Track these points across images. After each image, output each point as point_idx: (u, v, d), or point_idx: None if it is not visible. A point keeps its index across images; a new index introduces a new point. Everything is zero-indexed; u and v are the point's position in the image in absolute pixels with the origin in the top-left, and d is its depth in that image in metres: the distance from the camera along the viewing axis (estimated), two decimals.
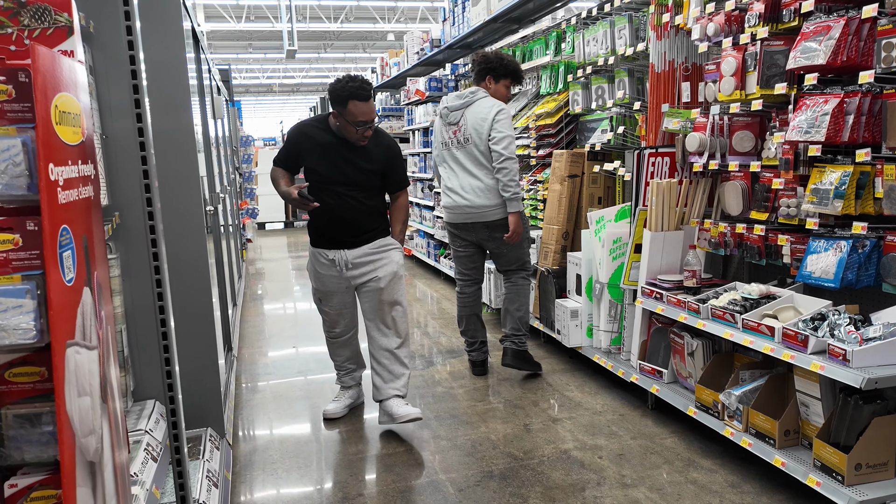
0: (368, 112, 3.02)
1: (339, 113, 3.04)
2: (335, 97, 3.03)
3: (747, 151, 3.01)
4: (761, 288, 2.80)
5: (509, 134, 3.64)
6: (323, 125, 3.20)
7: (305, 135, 3.19)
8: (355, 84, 2.99)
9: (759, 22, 2.77)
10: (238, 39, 24.46)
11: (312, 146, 3.15)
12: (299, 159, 3.22)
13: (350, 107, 3.00)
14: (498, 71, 3.81)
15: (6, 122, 0.93)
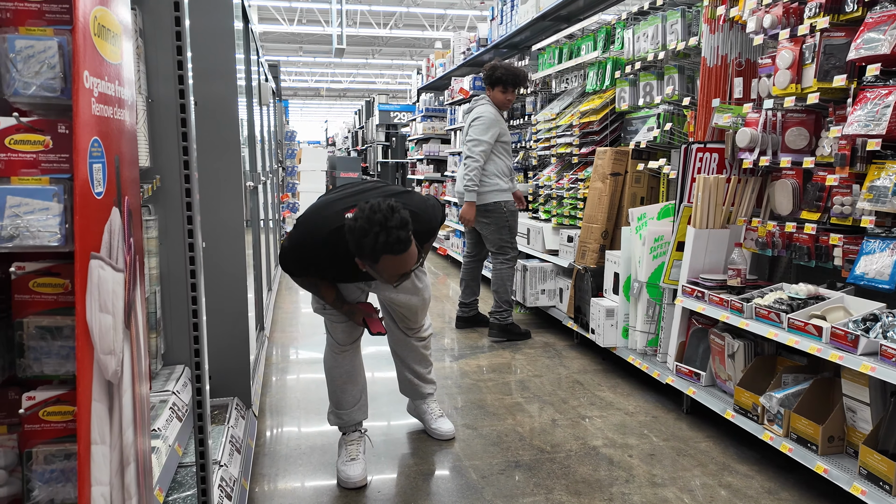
0: (408, 263, 2.23)
1: (370, 267, 2.25)
2: (362, 250, 2.16)
3: (800, 149, 2.89)
4: (809, 288, 2.67)
5: (477, 137, 4.32)
6: (336, 246, 2.33)
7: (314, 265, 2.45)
8: (389, 236, 2.11)
9: (819, 12, 2.67)
10: (289, 42, 24.96)
11: (327, 271, 2.50)
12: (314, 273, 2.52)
13: (383, 262, 2.19)
14: (489, 80, 4.45)
15: (44, 23, 0.93)
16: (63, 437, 1.05)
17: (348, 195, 2.48)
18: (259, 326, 3.88)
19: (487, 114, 4.36)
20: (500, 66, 4.42)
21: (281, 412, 3.29)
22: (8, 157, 0.91)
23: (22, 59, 0.92)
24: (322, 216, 2.40)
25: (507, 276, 4.51)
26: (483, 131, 4.32)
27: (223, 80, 2.58)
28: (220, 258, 2.67)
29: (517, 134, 6.29)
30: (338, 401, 2.75)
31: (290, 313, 5.46)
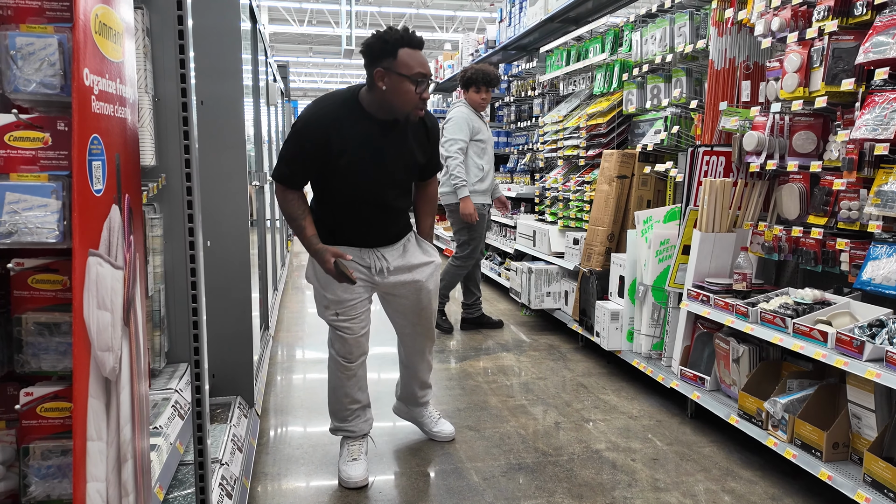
0: (426, 63, 2.25)
1: (388, 69, 2.20)
2: (379, 50, 2.20)
3: (808, 153, 2.87)
4: (815, 293, 2.65)
5: (451, 137, 4.42)
6: (353, 107, 2.33)
7: (334, 127, 2.29)
8: (403, 30, 2.22)
9: (827, 15, 2.65)
10: (299, 43, 25.05)
11: (346, 140, 2.31)
12: (323, 164, 2.32)
13: (403, 56, 2.18)
14: (462, 82, 4.56)
15: (44, 21, 0.93)
16: (60, 433, 1.05)
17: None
18: (264, 326, 3.89)
19: (459, 114, 4.47)
20: (471, 68, 4.54)
21: (284, 411, 3.30)
22: (7, 154, 0.92)
23: (22, 56, 0.92)
24: (309, 106, 2.42)
25: (452, 273, 4.64)
26: (456, 130, 4.41)
27: (229, 79, 2.59)
28: (225, 257, 2.68)
29: (523, 136, 6.29)
30: (343, 418, 2.67)
31: (296, 313, 5.47)
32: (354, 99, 2.35)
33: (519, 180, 6.09)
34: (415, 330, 2.74)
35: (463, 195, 4.39)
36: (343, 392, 2.62)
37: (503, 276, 6.12)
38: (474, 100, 4.50)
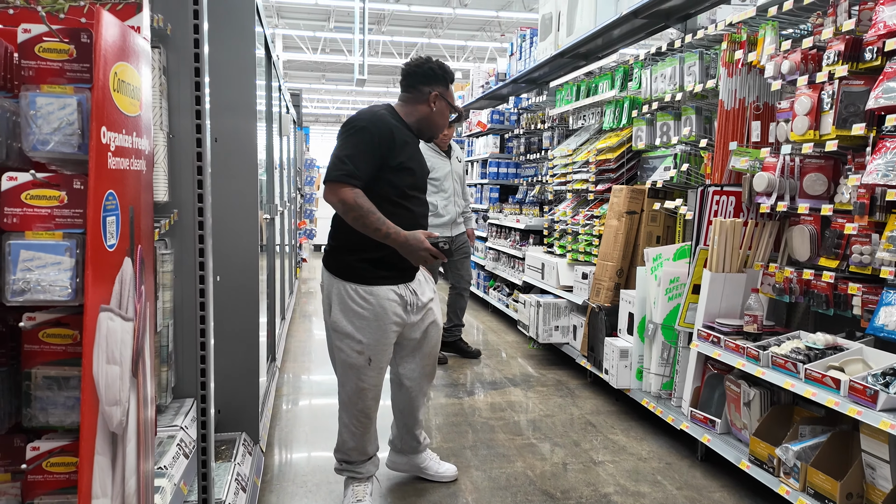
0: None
1: (441, 95, 2.49)
2: (441, 77, 2.49)
3: (819, 195, 2.87)
4: (827, 338, 2.62)
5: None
6: (399, 120, 2.50)
7: (394, 127, 2.42)
8: (448, 67, 2.54)
9: (837, 60, 2.66)
10: (312, 70, 25.41)
11: (402, 142, 2.43)
12: (383, 162, 2.37)
13: (452, 89, 2.53)
14: None
15: (64, 81, 0.95)
16: (66, 488, 1.04)
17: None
18: (270, 357, 3.88)
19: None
20: None
21: (289, 446, 3.27)
22: (24, 212, 0.93)
23: (42, 115, 0.94)
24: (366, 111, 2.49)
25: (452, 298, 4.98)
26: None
27: (243, 115, 2.62)
28: (234, 292, 2.68)
29: (532, 167, 6.31)
30: (352, 462, 2.61)
31: (303, 342, 5.46)
32: (396, 114, 2.50)
33: (528, 212, 6.10)
34: (423, 371, 2.70)
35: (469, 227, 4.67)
36: (354, 445, 2.57)
37: (511, 307, 6.10)
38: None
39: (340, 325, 2.44)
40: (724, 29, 3.34)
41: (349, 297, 2.41)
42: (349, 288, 2.41)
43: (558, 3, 5.23)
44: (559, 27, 5.24)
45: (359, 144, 2.32)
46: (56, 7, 1.14)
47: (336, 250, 2.49)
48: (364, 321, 2.41)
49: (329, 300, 2.48)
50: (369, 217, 2.30)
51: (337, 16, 18.77)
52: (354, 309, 2.41)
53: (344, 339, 2.45)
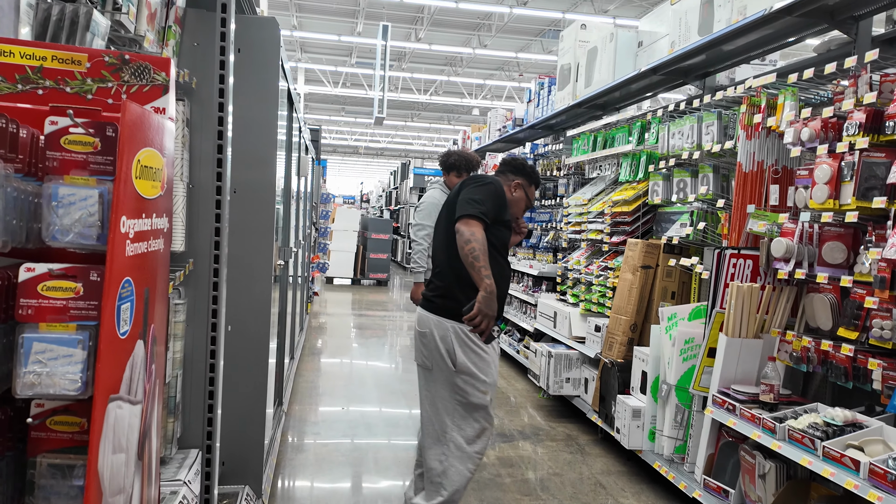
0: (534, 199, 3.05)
1: (522, 186, 2.86)
2: (527, 174, 2.90)
3: (838, 263, 2.83)
4: (846, 414, 2.56)
5: (419, 222, 4.61)
6: None
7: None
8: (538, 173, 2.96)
9: (858, 132, 2.65)
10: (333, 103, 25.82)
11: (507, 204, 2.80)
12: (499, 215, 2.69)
13: (532, 189, 2.91)
14: (444, 166, 4.69)
15: (87, 173, 0.96)
16: None
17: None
18: (277, 402, 3.85)
19: (430, 199, 4.64)
20: (455, 153, 4.72)
21: (293, 494, 3.22)
22: (39, 304, 0.93)
23: (63, 206, 0.95)
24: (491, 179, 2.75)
25: None
26: (425, 216, 4.57)
27: (263, 168, 2.65)
28: (244, 342, 2.67)
29: (547, 213, 6.31)
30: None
31: (311, 381, 5.42)
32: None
33: (541, 258, 6.08)
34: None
35: (417, 280, 4.56)
36: (460, 488, 2.59)
37: (522, 353, 6.04)
38: (454, 183, 4.66)
39: (467, 367, 2.56)
40: (743, 92, 3.35)
41: (468, 338, 2.56)
42: (468, 329, 2.54)
43: (577, 54, 5.29)
44: (577, 78, 5.29)
45: (488, 194, 2.61)
46: (84, 88, 1.16)
47: (450, 293, 2.61)
48: (483, 361, 2.59)
49: (447, 344, 2.58)
50: (483, 255, 2.47)
51: (359, 52, 19.13)
52: (475, 349, 2.57)
53: (469, 381, 2.57)
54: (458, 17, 15.84)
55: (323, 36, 17.12)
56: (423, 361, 2.68)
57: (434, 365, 2.61)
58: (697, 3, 3.69)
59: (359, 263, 12.70)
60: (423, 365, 2.68)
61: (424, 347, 2.65)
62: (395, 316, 9.33)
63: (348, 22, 16.51)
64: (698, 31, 3.68)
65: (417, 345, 2.71)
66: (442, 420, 2.60)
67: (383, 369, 6.20)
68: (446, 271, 2.67)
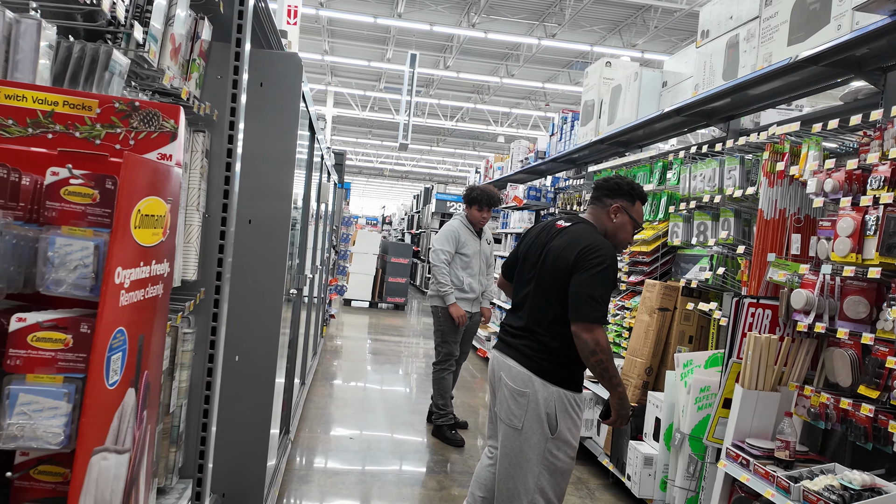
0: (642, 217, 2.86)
1: (624, 208, 2.71)
2: (626, 192, 2.71)
3: (860, 319, 2.75)
4: (864, 478, 2.46)
5: (437, 248, 4.83)
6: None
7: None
8: (641, 187, 2.75)
9: (883, 186, 2.59)
10: (360, 126, 26.16)
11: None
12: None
13: (638, 206, 2.74)
14: (466, 199, 4.95)
15: (85, 225, 0.96)
16: None
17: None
18: (284, 430, 3.83)
19: (449, 227, 4.92)
20: (477, 189, 4.96)
21: None
22: (28, 355, 0.93)
23: (59, 256, 0.95)
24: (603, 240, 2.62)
25: (435, 378, 4.93)
26: (443, 242, 4.85)
27: (278, 200, 2.66)
28: (251, 373, 2.67)
29: None
30: None
31: (322, 408, 5.39)
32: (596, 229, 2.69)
33: None
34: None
35: (450, 301, 4.76)
36: None
37: None
38: (475, 216, 4.90)
39: (565, 436, 2.51)
40: (766, 139, 3.30)
41: (570, 406, 2.52)
42: (571, 397, 2.52)
43: (601, 92, 5.29)
44: (601, 115, 5.28)
45: (607, 283, 2.50)
46: (93, 133, 1.17)
47: (558, 360, 2.54)
48: (576, 427, 2.55)
49: (549, 409, 2.50)
50: (612, 362, 2.48)
51: (388, 77, 19.39)
52: (573, 417, 2.53)
53: (562, 447, 2.52)
54: (487, 47, 16.01)
55: (353, 61, 17.41)
56: (511, 421, 2.54)
57: (526, 426, 2.50)
58: (723, 47, 3.67)
59: (377, 287, 12.72)
60: (510, 424, 2.54)
61: (517, 407, 2.52)
62: (411, 342, 9.29)
63: (378, 49, 16.78)
64: (723, 76, 3.65)
65: (507, 401, 2.56)
66: (525, 481, 2.50)
67: (395, 396, 6.15)
68: (550, 335, 2.55)
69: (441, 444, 4.75)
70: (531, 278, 2.66)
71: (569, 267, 2.50)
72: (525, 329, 2.61)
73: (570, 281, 2.49)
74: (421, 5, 13.63)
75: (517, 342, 2.62)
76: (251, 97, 2.62)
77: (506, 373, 2.58)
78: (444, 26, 14.07)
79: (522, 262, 2.76)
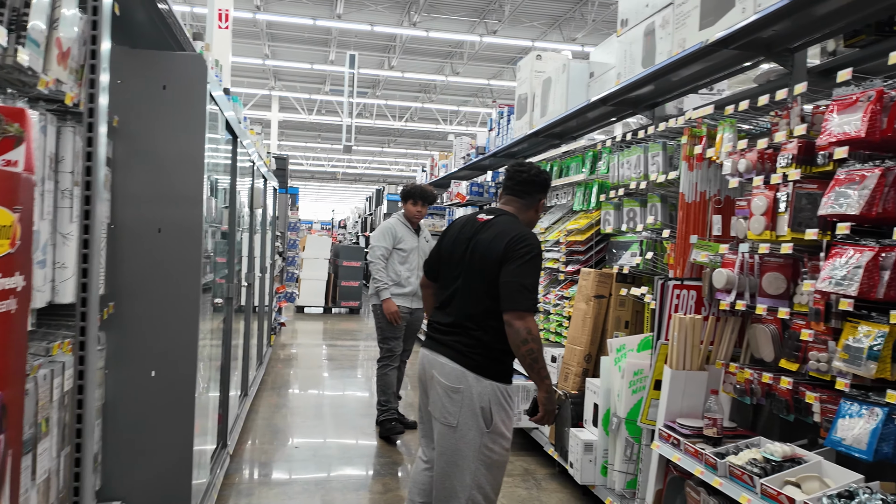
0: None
1: (542, 201, 2.82)
2: (547, 185, 2.82)
3: (778, 294, 2.81)
4: (785, 449, 2.52)
5: (374, 244, 4.88)
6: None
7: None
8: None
9: (791, 163, 2.65)
10: (309, 130, 25.85)
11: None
12: None
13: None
14: (402, 195, 5.00)
15: None
16: None
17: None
18: (220, 443, 3.73)
19: (386, 224, 4.98)
20: (411, 185, 5.05)
21: None
22: None
23: None
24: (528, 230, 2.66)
25: (378, 375, 4.94)
26: (378, 238, 4.90)
27: (188, 206, 2.57)
28: (170, 388, 2.57)
29: None
30: None
31: (267, 419, 5.28)
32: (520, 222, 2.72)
33: None
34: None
35: (384, 297, 4.76)
36: None
37: None
38: (411, 211, 4.94)
39: (500, 429, 2.51)
40: (684, 123, 3.36)
41: (503, 398, 2.53)
42: (503, 389, 2.54)
43: (533, 85, 5.31)
44: (534, 108, 5.31)
45: (536, 271, 2.54)
46: None
47: (490, 352, 2.53)
48: (510, 419, 2.57)
49: (484, 403, 2.48)
50: (542, 353, 2.50)
51: (333, 80, 19.19)
52: (506, 409, 2.54)
53: (498, 440, 2.51)
54: (431, 46, 15.99)
55: (295, 64, 17.17)
56: (446, 419, 2.50)
57: (462, 423, 2.47)
58: (641, 35, 3.72)
59: (330, 291, 12.57)
60: (444, 421, 2.51)
61: (452, 404, 2.48)
62: (364, 346, 9.20)
63: (321, 51, 16.59)
64: (642, 63, 3.70)
65: (441, 399, 2.52)
66: (462, 479, 2.47)
67: (346, 401, 6.08)
68: (482, 328, 2.53)
69: (388, 446, 4.71)
70: (458, 274, 2.63)
71: (498, 258, 2.50)
72: (455, 325, 2.58)
73: (499, 273, 2.48)
74: (360, 6, 13.52)
75: (448, 339, 2.58)
76: (153, 101, 2.53)
77: (438, 370, 2.55)
78: (385, 26, 13.99)
79: (447, 259, 2.74)
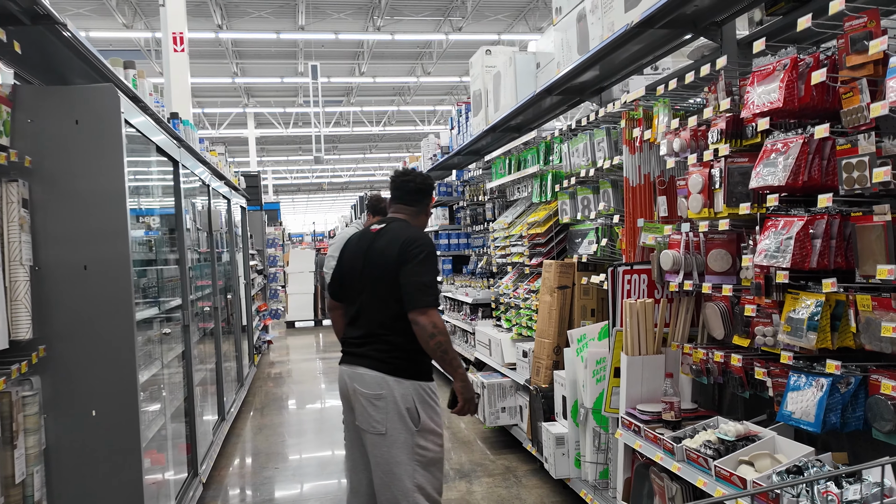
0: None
1: (427, 204, 2.89)
2: (432, 190, 2.91)
3: (724, 271, 2.78)
4: (738, 428, 2.48)
5: (331, 254, 5.08)
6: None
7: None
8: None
9: (721, 138, 2.62)
10: (288, 143, 25.76)
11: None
12: None
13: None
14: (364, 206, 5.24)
15: None
16: None
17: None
18: (191, 472, 3.69)
19: (341, 234, 5.25)
20: (372, 196, 5.21)
21: None
22: None
23: None
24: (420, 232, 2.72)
25: None
26: (333, 249, 5.07)
27: (113, 240, 2.53)
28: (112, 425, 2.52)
29: (480, 238, 6.26)
30: None
31: (247, 441, 5.24)
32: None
33: (476, 284, 6.00)
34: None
35: None
36: None
37: None
38: (370, 221, 5.00)
39: (429, 426, 2.53)
40: (621, 108, 3.32)
41: (428, 396, 2.55)
42: (426, 387, 2.56)
43: (485, 80, 5.28)
44: (488, 103, 5.27)
45: (433, 269, 2.59)
46: None
47: (406, 353, 2.55)
48: (437, 415, 2.57)
49: (407, 405, 2.50)
50: (451, 345, 2.54)
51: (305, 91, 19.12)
52: (432, 405, 2.56)
53: (429, 438, 2.53)
54: (398, 49, 15.94)
55: (265, 80, 17.10)
56: (375, 427, 2.48)
57: (390, 428, 2.46)
58: (574, 22, 3.68)
59: (318, 304, 12.52)
60: (373, 430, 2.49)
61: (377, 411, 2.48)
62: None
63: (290, 63, 16.53)
64: (577, 50, 3.66)
65: (364, 409, 2.51)
66: (402, 485, 2.45)
67: (330, 415, 6.03)
68: (393, 329, 2.54)
69: None
70: (362, 287, 2.65)
71: (395, 262, 2.53)
72: (368, 335, 2.60)
73: (398, 276, 2.52)
74: (323, 15, 13.46)
75: (363, 349, 2.59)
76: (67, 137, 2.48)
77: (359, 383, 2.54)
78: (349, 33, 13.94)
79: (349, 275, 2.74)
